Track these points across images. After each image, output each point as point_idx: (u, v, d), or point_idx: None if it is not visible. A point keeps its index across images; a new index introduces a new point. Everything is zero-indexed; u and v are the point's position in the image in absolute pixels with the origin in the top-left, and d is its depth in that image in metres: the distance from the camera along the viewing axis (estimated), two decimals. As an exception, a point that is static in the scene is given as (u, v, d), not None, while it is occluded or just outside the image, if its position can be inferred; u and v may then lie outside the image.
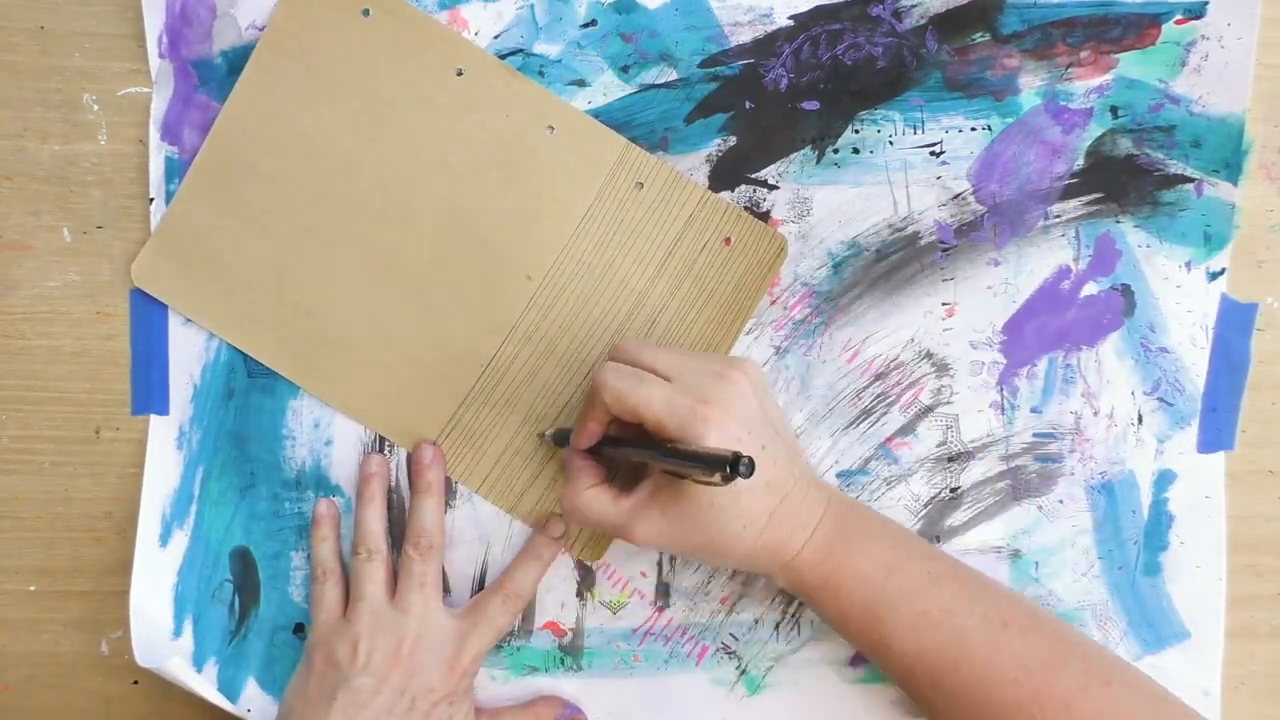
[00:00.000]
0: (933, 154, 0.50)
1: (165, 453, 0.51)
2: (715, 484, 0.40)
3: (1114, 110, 0.50)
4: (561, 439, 0.50)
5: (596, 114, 0.50)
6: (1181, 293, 0.51)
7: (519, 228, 0.50)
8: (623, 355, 0.46)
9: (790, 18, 0.50)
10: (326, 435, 0.51)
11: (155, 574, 0.51)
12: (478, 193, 0.50)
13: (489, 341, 0.51)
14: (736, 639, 0.52)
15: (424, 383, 0.51)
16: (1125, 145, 0.50)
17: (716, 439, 0.41)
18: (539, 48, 0.50)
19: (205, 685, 0.50)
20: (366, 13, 0.49)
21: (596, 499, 0.46)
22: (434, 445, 0.51)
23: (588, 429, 0.46)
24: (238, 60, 0.50)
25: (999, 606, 0.44)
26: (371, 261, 0.50)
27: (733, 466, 0.37)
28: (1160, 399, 0.51)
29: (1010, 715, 0.42)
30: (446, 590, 0.51)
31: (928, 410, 0.51)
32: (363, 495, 0.50)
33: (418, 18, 0.49)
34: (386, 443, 0.51)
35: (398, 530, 0.51)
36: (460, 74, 0.50)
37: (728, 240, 0.50)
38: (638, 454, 0.44)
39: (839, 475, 0.51)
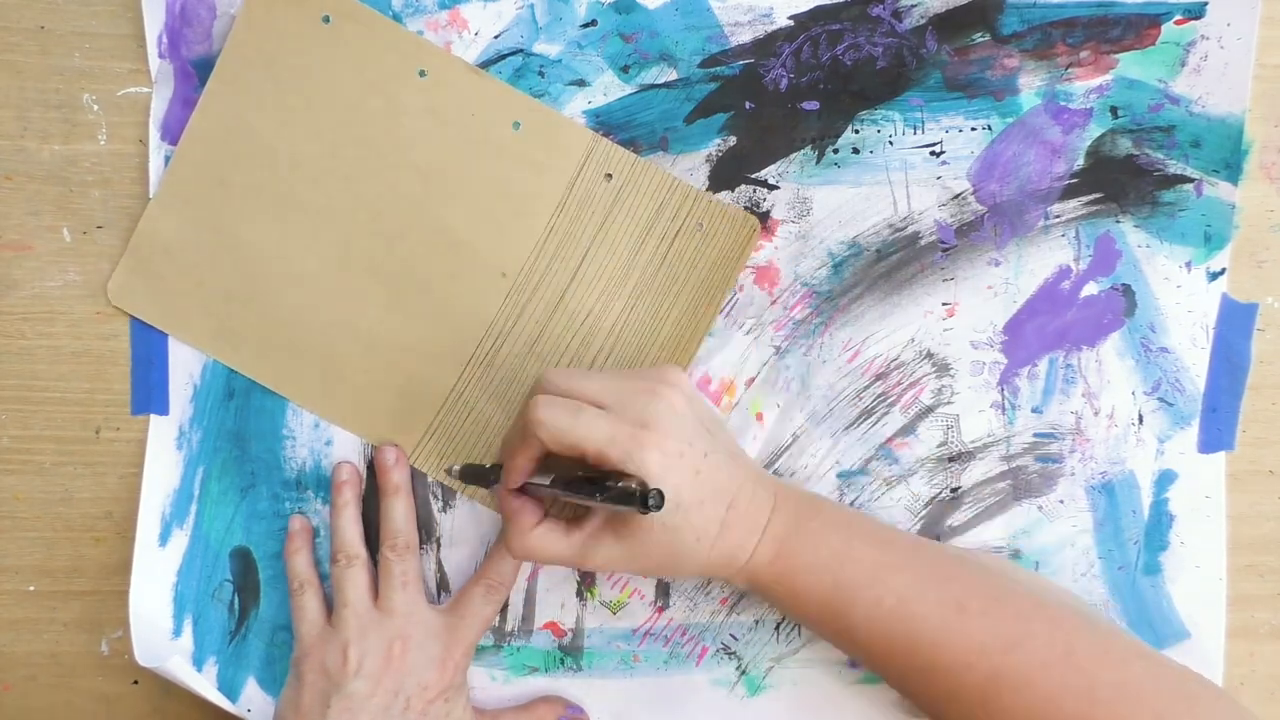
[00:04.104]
0: (933, 154, 0.50)
1: (165, 453, 0.51)
2: (634, 513, 0.41)
3: (1114, 110, 0.50)
4: (471, 475, 0.49)
5: (596, 114, 0.50)
6: (1182, 293, 0.51)
7: (491, 225, 0.50)
8: (551, 388, 0.44)
9: (790, 18, 0.50)
10: (326, 435, 0.51)
11: (155, 574, 0.51)
12: (447, 192, 0.50)
13: (467, 341, 0.51)
14: (736, 639, 0.52)
15: (405, 386, 0.51)
16: (1125, 145, 0.51)
17: (659, 460, 0.41)
18: (539, 48, 0.50)
19: (205, 685, 0.50)
20: (327, 19, 0.49)
21: (546, 538, 0.45)
22: (395, 447, 0.51)
23: (519, 466, 0.44)
24: (238, 60, 0.50)
25: (954, 589, 0.44)
26: (346, 267, 0.50)
27: (643, 501, 0.38)
28: (1161, 399, 0.51)
29: (972, 697, 0.42)
30: (446, 590, 0.51)
31: (928, 410, 0.51)
32: (336, 503, 0.50)
33: (378, 21, 0.49)
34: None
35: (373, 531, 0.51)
36: (423, 75, 0.50)
37: (700, 225, 0.50)
38: (552, 493, 0.44)
39: (839, 475, 0.51)
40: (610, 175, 0.50)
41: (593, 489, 0.41)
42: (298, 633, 0.49)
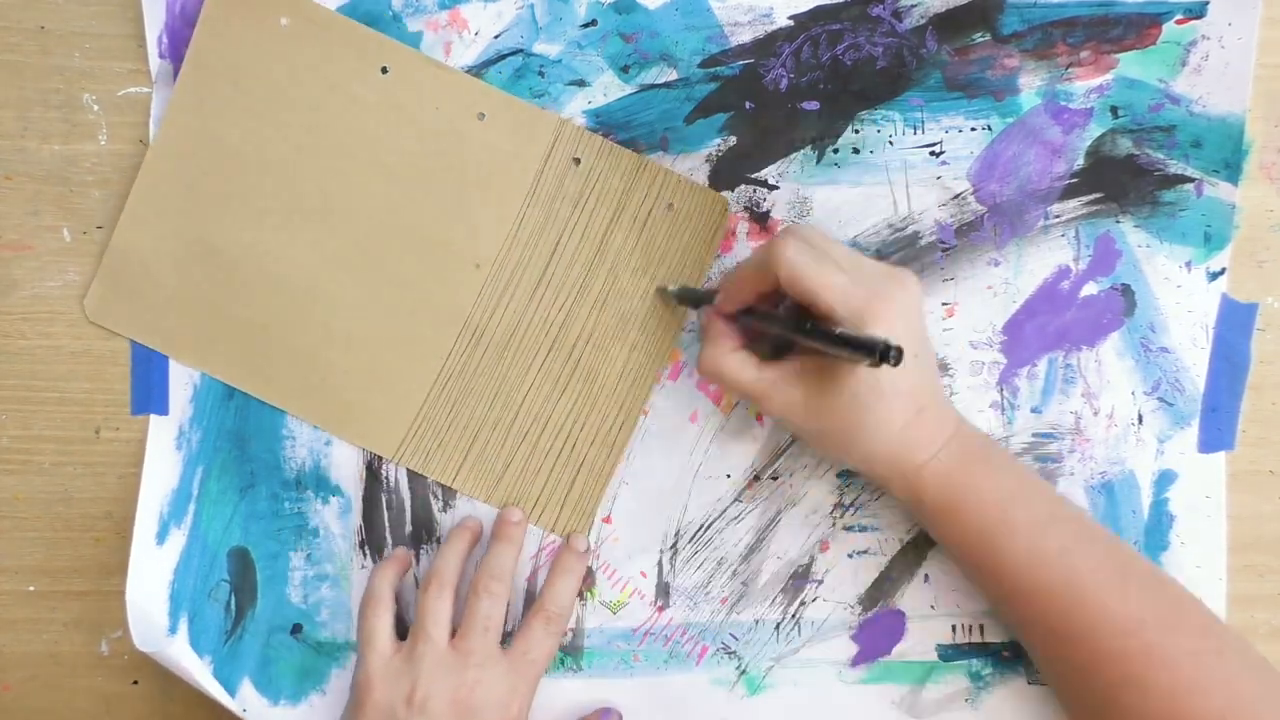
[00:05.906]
0: (933, 154, 0.50)
1: (165, 453, 0.51)
2: (860, 363, 0.41)
3: (1114, 110, 0.50)
4: (686, 296, 0.49)
5: (596, 114, 0.50)
6: (1182, 293, 0.51)
7: (462, 218, 0.50)
8: (799, 234, 0.44)
9: (790, 18, 0.50)
10: (326, 435, 0.51)
11: (151, 572, 0.51)
12: (417, 187, 0.50)
13: (446, 334, 0.51)
14: (736, 639, 0.52)
15: (386, 383, 0.51)
16: (1125, 145, 0.50)
17: (881, 334, 0.41)
18: (539, 48, 0.50)
19: (203, 671, 0.50)
20: (284, 22, 0.49)
21: (740, 362, 0.46)
22: (519, 510, 0.51)
23: (741, 293, 0.46)
24: (238, 60, 0.50)
25: (1119, 555, 0.44)
26: (320, 268, 0.50)
27: (884, 354, 0.38)
28: (1160, 399, 0.51)
29: (1115, 663, 0.42)
30: None
31: (928, 410, 0.51)
32: (451, 536, 0.50)
33: (335, 20, 0.49)
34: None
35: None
36: (385, 71, 0.50)
37: (670, 205, 0.50)
38: (782, 328, 0.45)
39: (839, 475, 0.51)
40: (578, 159, 0.50)
41: (827, 329, 0.41)
42: (363, 655, 0.48)
